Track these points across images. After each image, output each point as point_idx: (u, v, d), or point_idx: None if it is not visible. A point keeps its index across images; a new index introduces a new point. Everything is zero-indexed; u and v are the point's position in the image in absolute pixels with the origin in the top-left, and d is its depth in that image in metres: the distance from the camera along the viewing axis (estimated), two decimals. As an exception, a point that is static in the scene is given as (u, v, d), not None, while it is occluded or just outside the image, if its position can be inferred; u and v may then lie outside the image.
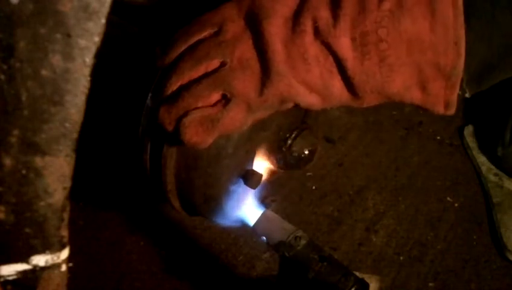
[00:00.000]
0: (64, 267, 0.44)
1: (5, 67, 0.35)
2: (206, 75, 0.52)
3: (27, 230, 0.40)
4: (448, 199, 1.05)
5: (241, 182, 0.68)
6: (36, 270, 0.42)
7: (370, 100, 0.52)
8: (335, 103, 0.53)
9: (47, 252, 0.42)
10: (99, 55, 0.37)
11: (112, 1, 0.36)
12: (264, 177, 0.70)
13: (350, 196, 1.04)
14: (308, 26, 0.49)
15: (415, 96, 0.51)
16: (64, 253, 0.43)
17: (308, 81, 0.51)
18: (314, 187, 1.05)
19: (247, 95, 0.51)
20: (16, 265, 0.41)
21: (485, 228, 0.99)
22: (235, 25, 0.52)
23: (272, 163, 0.73)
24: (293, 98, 0.52)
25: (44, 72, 0.36)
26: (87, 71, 0.37)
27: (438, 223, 0.99)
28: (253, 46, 0.51)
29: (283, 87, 0.51)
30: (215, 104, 0.52)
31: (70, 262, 0.44)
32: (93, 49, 0.36)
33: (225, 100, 0.52)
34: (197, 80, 0.52)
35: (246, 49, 0.51)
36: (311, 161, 0.73)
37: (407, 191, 1.06)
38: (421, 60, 0.48)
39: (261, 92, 0.51)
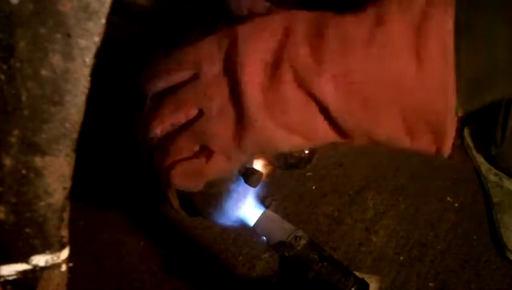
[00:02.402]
0: (64, 267, 0.44)
1: (5, 67, 0.35)
2: (188, 123, 0.53)
3: (27, 230, 0.40)
4: (448, 199, 1.05)
5: (241, 181, 0.68)
6: (36, 270, 0.42)
7: (359, 141, 0.50)
8: (321, 142, 0.51)
9: (47, 252, 0.42)
10: (99, 55, 0.37)
11: (112, 1, 0.36)
12: (264, 177, 0.70)
13: (350, 196, 1.04)
14: (287, 71, 0.47)
15: (405, 143, 0.48)
16: (64, 253, 0.43)
17: (289, 125, 0.49)
18: (314, 187, 1.05)
19: (225, 146, 0.51)
20: (16, 265, 0.41)
21: (485, 228, 0.99)
22: (212, 69, 0.51)
23: (272, 163, 0.73)
24: (272, 143, 0.50)
25: (44, 72, 0.36)
26: (87, 71, 0.37)
27: (438, 223, 0.99)
28: (230, 93, 0.50)
29: (259, 134, 0.49)
30: (199, 154, 0.53)
31: (70, 262, 0.44)
32: (93, 49, 0.36)
33: (207, 150, 0.53)
34: (179, 130, 0.53)
35: (222, 97, 0.50)
36: (310, 161, 0.73)
37: (407, 191, 1.06)
38: (407, 105, 0.46)
39: (237, 141, 0.50)
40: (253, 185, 0.66)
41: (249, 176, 0.66)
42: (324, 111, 0.47)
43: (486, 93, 0.47)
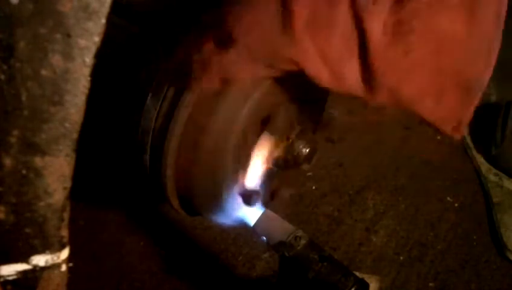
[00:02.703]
0: (64, 267, 0.44)
1: (5, 67, 0.35)
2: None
3: (27, 230, 0.40)
4: (448, 199, 1.05)
5: (241, 182, 0.68)
6: (36, 270, 0.42)
7: (380, 97, 0.49)
8: (345, 87, 0.49)
9: (47, 252, 0.42)
10: (99, 55, 0.37)
11: (112, 1, 0.36)
12: (264, 177, 0.70)
13: (350, 196, 1.04)
14: None
15: (425, 106, 0.48)
16: (64, 253, 0.43)
17: (326, 51, 0.48)
18: (314, 187, 1.05)
19: (261, 40, 0.49)
20: (16, 265, 0.41)
21: (485, 228, 0.99)
22: None
23: (272, 163, 0.73)
24: (303, 63, 0.49)
25: (44, 72, 0.36)
26: (87, 71, 0.37)
27: (438, 223, 0.99)
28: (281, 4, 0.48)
29: (297, 49, 0.48)
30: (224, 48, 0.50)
31: (70, 262, 0.44)
32: (93, 49, 0.36)
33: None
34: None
35: (273, 6, 0.48)
36: (310, 161, 0.73)
37: (407, 191, 1.06)
38: (446, 64, 0.46)
39: (271, 45, 0.48)
40: (251, 206, 0.67)
41: (248, 197, 0.67)
42: (363, 51, 0.47)
43: None
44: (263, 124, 0.67)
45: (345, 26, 0.47)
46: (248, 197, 0.66)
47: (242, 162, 0.67)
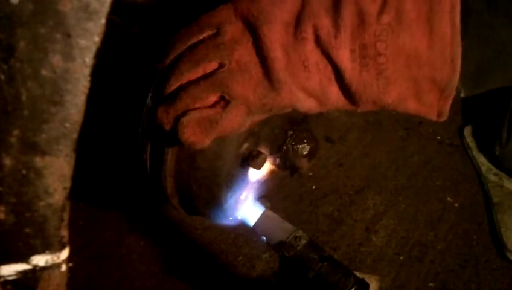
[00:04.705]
0: (64, 267, 0.44)
1: (5, 67, 0.35)
2: (205, 76, 0.52)
3: (27, 230, 0.40)
4: (448, 199, 1.05)
5: (241, 182, 0.68)
6: (36, 270, 0.42)
7: (365, 107, 0.53)
8: (331, 107, 0.54)
9: (47, 252, 0.42)
10: (99, 55, 0.37)
11: (112, 1, 0.36)
12: (263, 177, 0.70)
13: (350, 196, 1.04)
14: (309, 33, 0.49)
15: (409, 106, 0.52)
16: (64, 253, 0.43)
17: (308, 88, 0.51)
18: (314, 187, 1.05)
19: (246, 98, 0.52)
20: (16, 265, 0.41)
21: (485, 228, 0.99)
22: (233, 27, 0.52)
23: (272, 163, 0.73)
24: (293, 104, 0.52)
25: (44, 72, 0.36)
26: (87, 71, 0.37)
27: (438, 223, 0.99)
28: (253, 50, 0.51)
29: (285, 95, 0.51)
30: (213, 106, 0.53)
31: (70, 262, 0.44)
32: (93, 49, 0.36)
33: (224, 102, 0.52)
34: (195, 81, 0.53)
35: (244, 53, 0.51)
36: (314, 156, 0.73)
37: (407, 191, 1.06)
38: (417, 74, 0.49)
39: (262, 97, 0.51)
40: (257, 168, 0.66)
41: (253, 158, 0.65)
42: (339, 78, 0.50)
43: (491, 79, 0.50)
44: (261, 130, 0.66)
45: (317, 63, 0.50)
46: (254, 159, 0.65)
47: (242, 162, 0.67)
